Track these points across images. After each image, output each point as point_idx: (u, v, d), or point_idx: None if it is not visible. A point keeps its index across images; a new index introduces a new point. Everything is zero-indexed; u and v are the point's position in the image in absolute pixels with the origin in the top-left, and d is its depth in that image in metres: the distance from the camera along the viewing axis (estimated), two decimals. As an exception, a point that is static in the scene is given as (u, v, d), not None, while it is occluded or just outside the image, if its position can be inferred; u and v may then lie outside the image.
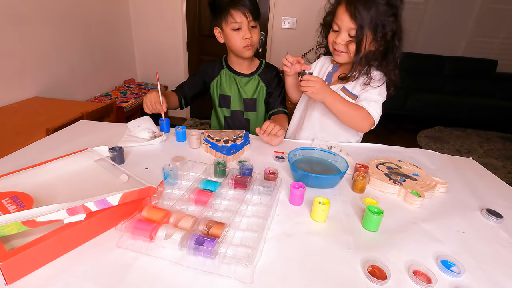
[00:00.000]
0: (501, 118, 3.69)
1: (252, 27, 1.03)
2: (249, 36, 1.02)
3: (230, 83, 1.17)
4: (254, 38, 1.04)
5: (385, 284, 0.46)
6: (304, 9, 2.80)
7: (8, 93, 1.77)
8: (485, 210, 0.67)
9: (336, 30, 0.90)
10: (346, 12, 0.84)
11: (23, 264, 0.43)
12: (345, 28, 0.87)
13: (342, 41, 0.89)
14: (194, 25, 3.06)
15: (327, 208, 0.60)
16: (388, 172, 0.78)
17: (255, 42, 1.06)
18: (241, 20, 1.00)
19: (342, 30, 0.88)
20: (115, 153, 0.77)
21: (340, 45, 0.90)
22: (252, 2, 1.00)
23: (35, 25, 1.90)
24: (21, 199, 0.54)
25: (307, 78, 0.84)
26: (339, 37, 0.89)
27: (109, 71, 2.79)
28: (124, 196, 0.54)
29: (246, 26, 1.01)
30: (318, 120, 1.05)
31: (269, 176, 0.71)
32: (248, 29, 1.02)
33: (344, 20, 0.85)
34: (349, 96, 0.97)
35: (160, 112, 0.99)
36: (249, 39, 1.03)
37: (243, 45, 1.04)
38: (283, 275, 0.47)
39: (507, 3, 3.65)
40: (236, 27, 1.01)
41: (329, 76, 1.04)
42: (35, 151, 0.83)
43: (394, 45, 0.89)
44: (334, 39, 0.91)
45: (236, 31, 1.02)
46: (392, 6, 0.83)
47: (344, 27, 0.87)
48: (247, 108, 1.19)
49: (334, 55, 0.96)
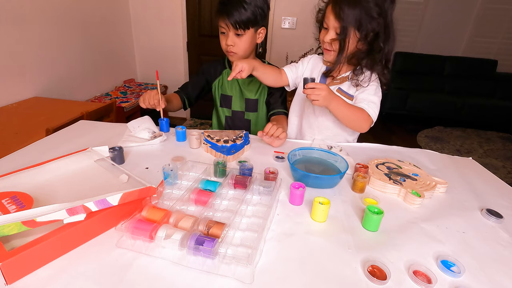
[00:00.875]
0: (501, 118, 3.70)
1: (238, 35, 1.02)
2: (230, 43, 1.03)
3: (232, 83, 1.17)
4: (238, 46, 1.04)
5: (385, 284, 0.46)
6: (304, 9, 2.80)
7: (8, 93, 1.77)
8: (485, 210, 0.67)
9: (325, 28, 0.91)
10: (332, 11, 0.86)
11: (23, 264, 0.43)
12: (332, 27, 0.88)
13: (328, 39, 0.90)
14: (194, 25, 3.06)
15: (327, 208, 0.60)
16: (388, 172, 0.78)
17: (240, 50, 1.05)
18: (225, 28, 1.01)
19: (330, 29, 0.89)
20: (115, 153, 0.77)
21: (327, 43, 0.91)
22: (240, 12, 0.98)
23: (35, 25, 1.90)
24: (21, 199, 0.55)
25: (312, 86, 0.82)
26: (327, 35, 0.90)
27: (109, 71, 2.79)
28: (124, 196, 0.54)
29: (230, 33, 1.02)
30: (316, 123, 1.05)
31: (269, 176, 0.71)
32: (231, 36, 1.02)
33: (330, 19, 0.87)
34: (345, 96, 0.98)
35: (156, 107, 1.00)
36: (231, 46, 1.04)
37: (226, 50, 1.06)
38: (283, 275, 0.47)
39: (507, 3, 3.65)
40: (222, 31, 1.04)
41: (323, 77, 1.04)
42: (35, 151, 0.83)
43: (378, 46, 0.88)
44: (323, 37, 0.92)
45: (222, 34, 1.05)
46: (380, 7, 0.83)
47: (331, 25, 0.88)
48: (248, 108, 1.19)
49: (324, 53, 0.97)
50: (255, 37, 1.06)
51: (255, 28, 1.03)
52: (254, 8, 1.00)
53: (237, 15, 0.98)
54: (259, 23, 1.04)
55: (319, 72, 1.05)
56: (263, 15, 1.03)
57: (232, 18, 0.98)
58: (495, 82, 3.87)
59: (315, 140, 1.00)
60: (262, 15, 1.03)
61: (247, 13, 0.99)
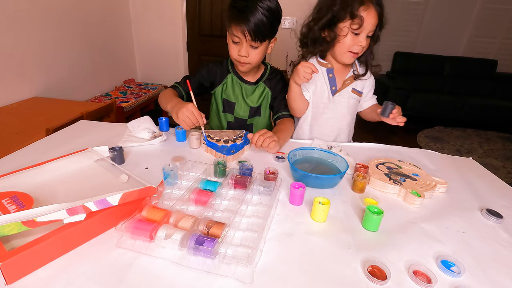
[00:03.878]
0: (501, 118, 3.69)
1: (253, 47, 0.94)
2: (244, 54, 0.95)
3: (236, 90, 1.12)
4: (251, 58, 0.96)
5: (385, 284, 0.46)
6: (304, 9, 2.79)
7: (8, 93, 1.77)
8: (485, 210, 0.67)
9: (356, 34, 0.89)
10: (370, 15, 0.86)
11: (23, 264, 0.43)
12: (366, 29, 0.88)
13: (364, 43, 0.90)
14: (194, 25, 3.06)
15: (327, 208, 0.60)
16: (388, 172, 0.78)
17: (253, 61, 0.98)
18: (240, 37, 0.93)
19: (362, 32, 0.88)
20: (115, 153, 0.77)
21: (359, 47, 0.91)
22: (260, 22, 0.89)
23: (35, 25, 1.90)
24: (21, 199, 0.55)
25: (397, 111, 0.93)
26: (361, 39, 0.89)
27: (109, 71, 2.79)
28: (124, 196, 0.54)
29: (245, 44, 0.94)
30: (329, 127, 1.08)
31: (269, 176, 0.71)
32: (246, 47, 0.94)
33: (368, 22, 0.87)
34: (357, 94, 1.05)
35: (201, 125, 0.89)
36: (244, 57, 0.96)
37: (237, 60, 0.99)
38: (283, 275, 0.47)
39: (507, 3, 3.65)
40: (235, 41, 0.95)
41: (332, 80, 1.03)
42: (35, 151, 0.83)
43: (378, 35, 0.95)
44: (355, 42, 0.91)
45: (234, 44, 0.96)
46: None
47: (368, 28, 0.88)
48: (251, 115, 1.15)
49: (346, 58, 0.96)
50: (268, 47, 1.00)
51: (270, 39, 0.98)
52: (273, 19, 0.93)
53: (257, 25, 0.89)
54: (275, 33, 0.98)
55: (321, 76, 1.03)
56: (278, 24, 0.97)
57: (251, 28, 0.89)
58: (495, 82, 3.87)
59: (315, 140, 1.00)
60: (278, 24, 0.97)
61: (267, 24, 0.91)
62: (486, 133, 3.65)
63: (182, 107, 0.85)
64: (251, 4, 0.88)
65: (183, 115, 0.84)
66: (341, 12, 0.88)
